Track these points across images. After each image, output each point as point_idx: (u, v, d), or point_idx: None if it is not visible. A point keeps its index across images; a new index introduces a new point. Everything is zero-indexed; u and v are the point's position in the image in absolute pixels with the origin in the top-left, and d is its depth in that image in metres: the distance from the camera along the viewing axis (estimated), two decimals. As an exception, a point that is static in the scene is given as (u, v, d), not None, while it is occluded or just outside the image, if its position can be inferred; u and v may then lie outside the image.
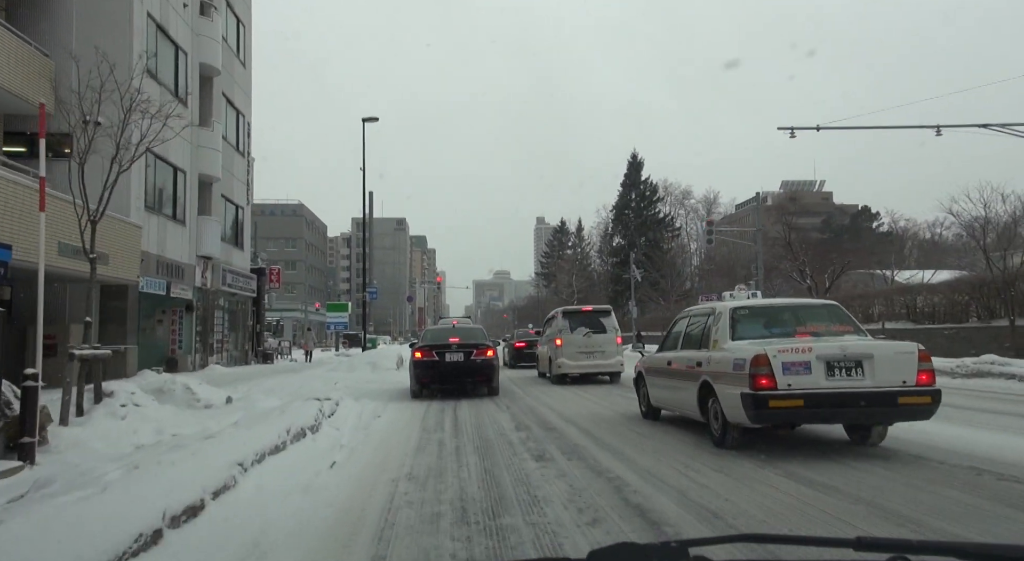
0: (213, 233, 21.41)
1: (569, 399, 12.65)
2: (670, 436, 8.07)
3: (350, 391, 14.34)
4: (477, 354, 12.93)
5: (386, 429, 8.97)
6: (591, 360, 15.74)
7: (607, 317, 16.23)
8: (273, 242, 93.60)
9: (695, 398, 7.63)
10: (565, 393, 13.84)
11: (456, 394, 13.65)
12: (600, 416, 10.21)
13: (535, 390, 14.71)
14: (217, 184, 22.40)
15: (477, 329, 14.80)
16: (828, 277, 41.50)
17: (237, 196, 24.87)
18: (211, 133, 21.30)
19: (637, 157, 68.51)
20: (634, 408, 10.39)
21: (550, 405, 11.67)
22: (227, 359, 24.10)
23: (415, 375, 13.07)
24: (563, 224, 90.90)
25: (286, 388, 14.10)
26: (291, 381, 16.54)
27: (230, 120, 24.27)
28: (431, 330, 15.06)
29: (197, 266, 20.90)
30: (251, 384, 15.20)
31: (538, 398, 12.91)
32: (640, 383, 10.01)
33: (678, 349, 8.64)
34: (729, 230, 36.80)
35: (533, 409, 11.13)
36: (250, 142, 26.47)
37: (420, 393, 13.29)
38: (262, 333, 27.26)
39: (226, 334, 24.08)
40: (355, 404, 11.15)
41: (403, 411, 11.11)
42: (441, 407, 11.66)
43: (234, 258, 24.46)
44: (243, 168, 25.66)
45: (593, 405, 11.65)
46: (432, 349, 12.97)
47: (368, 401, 12.13)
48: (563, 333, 15.89)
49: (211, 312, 22.05)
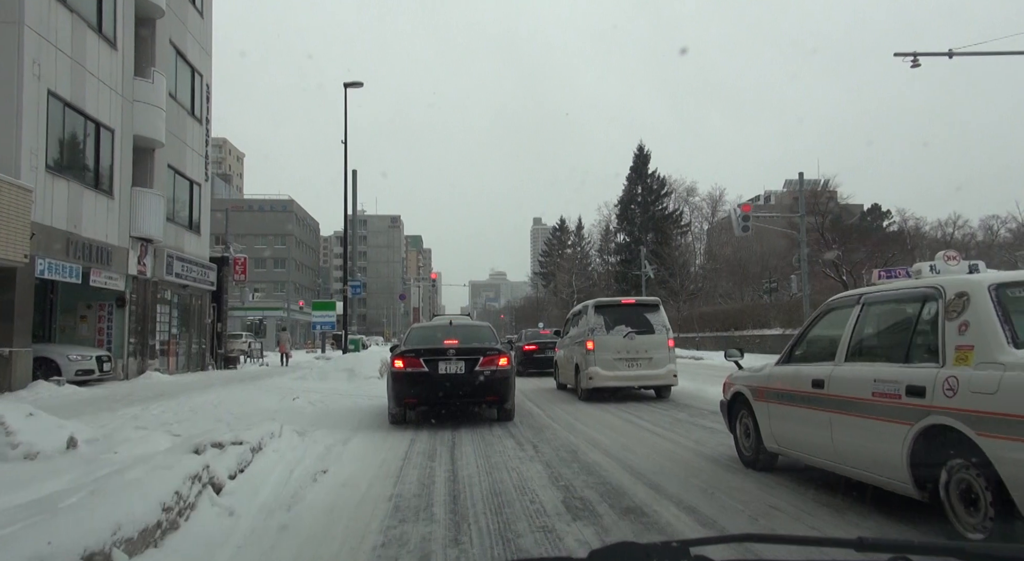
0: (154, 210, 17.36)
1: (619, 428, 8.66)
2: (868, 517, 4.05)
3: (305, 414, 10.37)
4: (485, 363, 8.94)
5: (325, 505, 4.92)
6: (634, 370, 11.76)
7: (655, 312, 12.25)
8: (262, 239, 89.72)
9: (903, 455, 3.93)
10: (606, 416, 9.85)
11: (453, 418, 9.67)
12: (687, 465, 6.28)
13: (561, 411, 10.72)
14: (161, 152, 18.34)
15: (483, 327, 10.70)
16: (864, 273, 37.78)
17: (191, 170, 20.81)
18: (150, 86, 17.24)
19: (644, 149, 64.77)
20: (718, 443, 6.98)
21: (596, 441, 7.68)
22: (178, 364, 20.04)
23: (395, 393, 9.08)
24: (562, 222, 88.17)
25: (208, 412, 10.05)
26: (234, 396, 12.52)
27: (182, 77, 20.22)
28: (419, 328, 10.81)
29: (132, 250, 16.85)
30: (169, 403, 11.15)
31: (572, 427, 8.91)
32: (739, 411, 6.38)
33: (840, 361, 4.83)
34: (769, 216, 32.92)
35: (574, 450, 7.13)
36: (209, 108, 22.41)
37: (402, 418, 9.32)
38: (224, 333, 23.20)
39: (175, 334, 20.00)
40: (298, 442, 7.15)
41: (370, 454, 7.11)
42: (431, 444, 7.67)
43: (187, 243, 20.40)
44: (200, 138, 21.60)
45: (660, 440, 7.69)
46: (419, 356, 8.98)
47: (323, 433, 8.14)
48: (596, 333, 11.91)
49: (152, 307, 17.98)
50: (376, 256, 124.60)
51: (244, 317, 59.42)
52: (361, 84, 24.03)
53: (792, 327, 30.13)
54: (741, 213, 24.94)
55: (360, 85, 24.03)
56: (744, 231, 24.93)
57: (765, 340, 31.63)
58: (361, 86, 24.02)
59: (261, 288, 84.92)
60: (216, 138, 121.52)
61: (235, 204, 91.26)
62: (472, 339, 9.65)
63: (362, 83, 24.05)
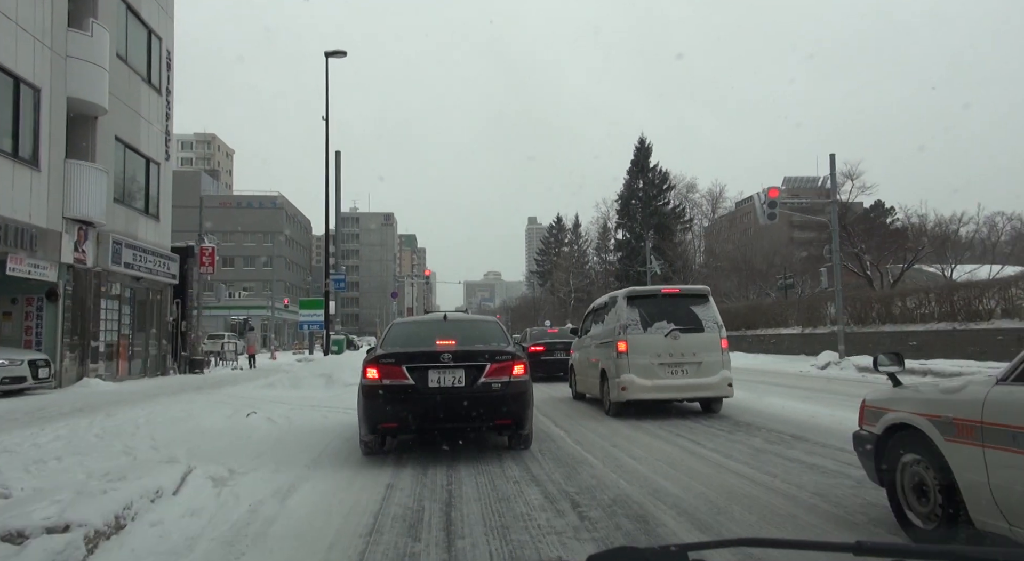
0: (95, 188, 14.69)
1: (682, 463, 6.08)
2: None
3: (252, 439, 7.81)
4: (493, 373, 6.35)
5: None
6: (679, 378, 9.21)
7: (703, 305, 9.68)
8: (251, 236, 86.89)
9: None
10: (654, 442, 7.29)
11: (449, 442, 7.12)
12: (823, 535, 3.64)
13: (591, 433, 8.14)
14: (107, 121, 15.68)
15: (488, 323, 7.98)
16: (888, 269, 35.44)
17: (148, 146, 18.15)
18: (89, 40, 14.58)
19: (645, 142, 62.27)
20: (845, 496, 4.72)
21: (661, 490, 5.10)
22: (132, 368, 17.41)
23: (367, 415, 6.46)
24: (559, 220, 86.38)
25: (116, 439, 7.44)
26: (172, 412, 9.88)
27: (135, 38, 17.56)
28: (403, 324, 7.97)
29: (67, 234, 14.21)
30: (81, 421, 8.53)
31: (615, 461, 6.33)
32: (899, 454, 4.17)
33: None
34: (793, 201, 30.45)
35: (637, 510, 4.53)
36: (171, 77, 19.74)
37: (379, 446, 6.76)
38: (188, 332, 20.52)
39: (128, 333, 17.35)
40: (207, 498, 4.59)
41: (319, 519, 4.51)
42: (416, 496, 5.10)
43: (141, 230, 17.73)
44: (159, 110, 18.93)
45: (752, 487, 5.16)
46: (402, 362, 6.39)
47: (260, 475, 5.60)
48: (630, 332, 9.34)
49: (94, 302, 15.32)
50: (369, 254, 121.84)
51: (228, 316, 56.70)
52: (344, 53, 21.48)
53: (813, 326, 27.64)
54: (767, 199, 22.34)
55: (343, 54, 21.47)
56: (771, 219, 22.34)
57: (782, 340, 29.15)
58: (344, 55, 21.48)
59: (250, 287, 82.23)
60: (205, 134, 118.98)
61: (223, 200, 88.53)
62: (475, 339, 7.07)
63: (345, 53, 21.50)
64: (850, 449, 6.70)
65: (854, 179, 36.57)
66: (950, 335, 19.09)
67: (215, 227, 70.43)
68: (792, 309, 30.61)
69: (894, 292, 26.72)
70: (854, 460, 6.11)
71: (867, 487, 4.92)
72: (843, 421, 8.53)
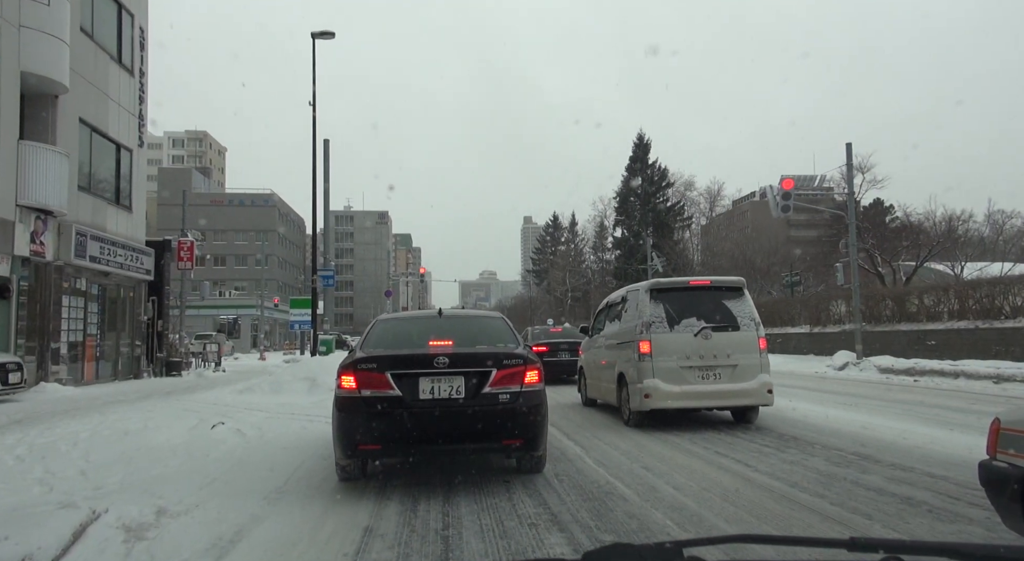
0: (54, 173, 13.32)
1: (733, 494, 4.79)
2: None
3: (210, 457, 6.54)
4: (500, 381, 5.04)
5: None
6: (712, 383, 7.93)
7: (738, 299, 8.40)
8: (243, 234, 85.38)
9: None
10: (692, 462, 6.00)
11: (443, 467, 5.82)
12: None
13: (613, 450, 6.85)
14: (68, 101, 14.31)
15: (493, 320, 6.60)
16: (899, 267, 34.33)
17: (118, 131, 16.77)
18: (46, 10, 13.20)
19: (644, 138, 61.05)
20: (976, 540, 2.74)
21: (718, 531, 3.83)
22: (99, 371, 16.05)
23: (342, 435, 5.11)
24: (556, 219, 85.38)
25: (40, 464, 6.15)
26: (125, 423, 8.55)
27: (102, 11, 16.16)
28: (388, 321, 6.67)
29: (21, 223, 12.85)
30: (7, 439, 7.21)
31: (649, 489, 5.04)
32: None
33: None
34: (806, 193, 29.24)
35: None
36: (144, 58, 18.37)
37: (359, 472, 5.47)
38: (165, 332, 19.15)
39: (95, 333, 15.98)
40: (115, 554, 3.26)
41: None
42: (402, 547, 3.80)
43: (110, 221, 16.35)
44: (131, 92, 17.56)
45: (844, 531, 3.81)
46: (385, 368, 5.07)
47: (202, 514, 4.31)
48: (654, 330, 8.06)
49: (54, 299, 13.96)
50: (363, 253, 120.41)
51: (216, 315, 55.17)
52: (333, 34, 20.13)
53: (822, 325, 26.50)
54: (780, 191, 21.14)
55: (332, 35, 20.13)
56: (784, 211, 21.12)
57: (789, 339, 27.99)
58: (333, 37, 20.13)
59: (242, 286, 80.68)
60: (196, 131, 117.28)
61: (215, 198, 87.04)
62: (476, 339, 5.78)
63: (333, 34, 20.16)
64: (941, 474, 5.45)
65: (864, 172, 35.24)
66: (972, 334, 17.96)
67: (207, 225, 68.94)
68: (799, 307, 29.45)
69: (908, 289, 25.56)
70: (956, 491, 4.87)
71: (1000, 532, 3.70)
72: (904, 434, 7.28)
